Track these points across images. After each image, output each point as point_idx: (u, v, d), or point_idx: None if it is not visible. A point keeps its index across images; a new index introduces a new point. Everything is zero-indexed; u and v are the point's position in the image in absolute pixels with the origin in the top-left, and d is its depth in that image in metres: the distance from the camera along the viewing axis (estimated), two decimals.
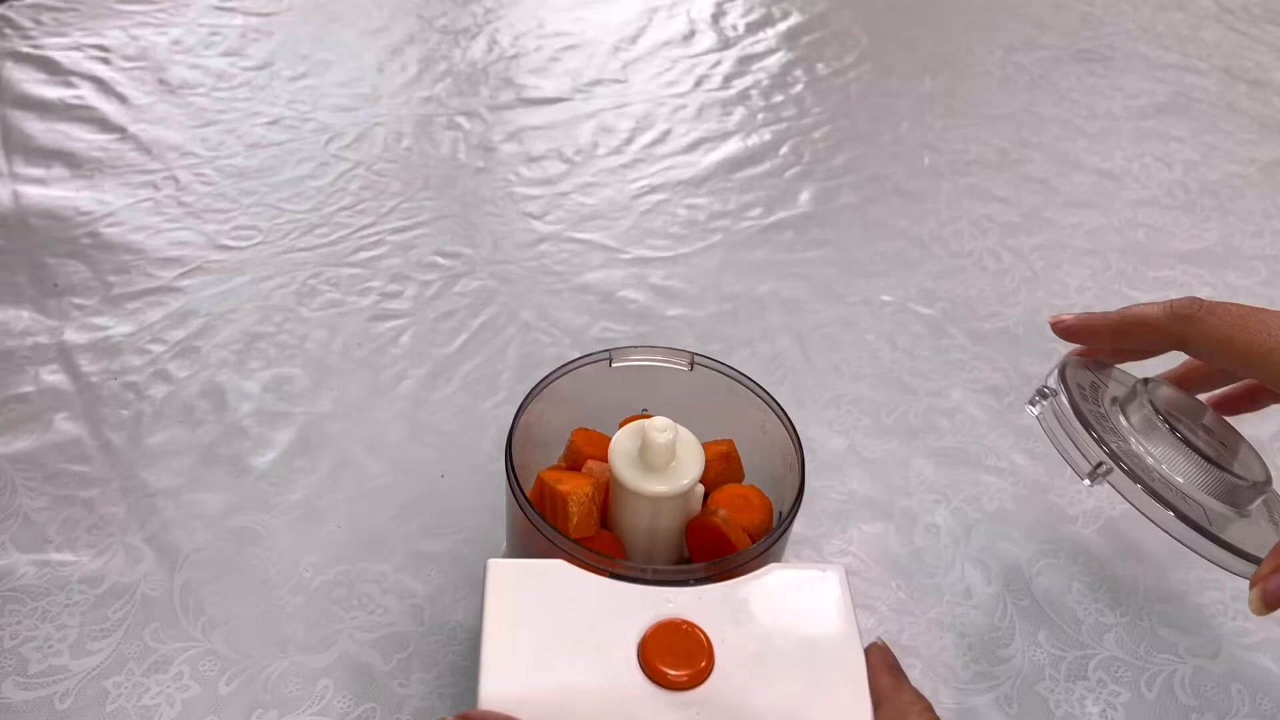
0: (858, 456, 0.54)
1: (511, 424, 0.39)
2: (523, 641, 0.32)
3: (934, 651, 0.45)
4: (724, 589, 0.33)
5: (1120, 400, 0.39)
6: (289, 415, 0.54)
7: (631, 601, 0.33)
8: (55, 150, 0.72)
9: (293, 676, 0.42)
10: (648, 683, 0.31)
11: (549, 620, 0.32)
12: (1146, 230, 0.72)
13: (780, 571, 0.34)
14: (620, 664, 0.31)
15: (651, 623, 0.32)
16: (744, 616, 0.32)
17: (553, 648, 0.31)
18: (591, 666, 0.31)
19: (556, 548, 0.35)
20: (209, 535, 0.48)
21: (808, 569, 0.34)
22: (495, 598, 0.33)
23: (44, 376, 0.55)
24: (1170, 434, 0.36)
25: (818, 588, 0.34)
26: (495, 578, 0.33)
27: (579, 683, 0.31)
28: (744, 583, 0.34)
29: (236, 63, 0.84)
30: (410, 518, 0.49)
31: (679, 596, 0.33)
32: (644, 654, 0.31)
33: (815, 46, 0.93)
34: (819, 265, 0.67)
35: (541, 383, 0.41)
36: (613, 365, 0.41)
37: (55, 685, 0.41)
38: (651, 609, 0.32)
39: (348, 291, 0.62)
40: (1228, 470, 0.36)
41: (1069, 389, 0.37)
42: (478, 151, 0.76)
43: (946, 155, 0.79)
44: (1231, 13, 1.03)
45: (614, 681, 0.31)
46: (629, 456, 0.37)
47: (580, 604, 0.33)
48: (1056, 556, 0.49)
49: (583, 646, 0.32)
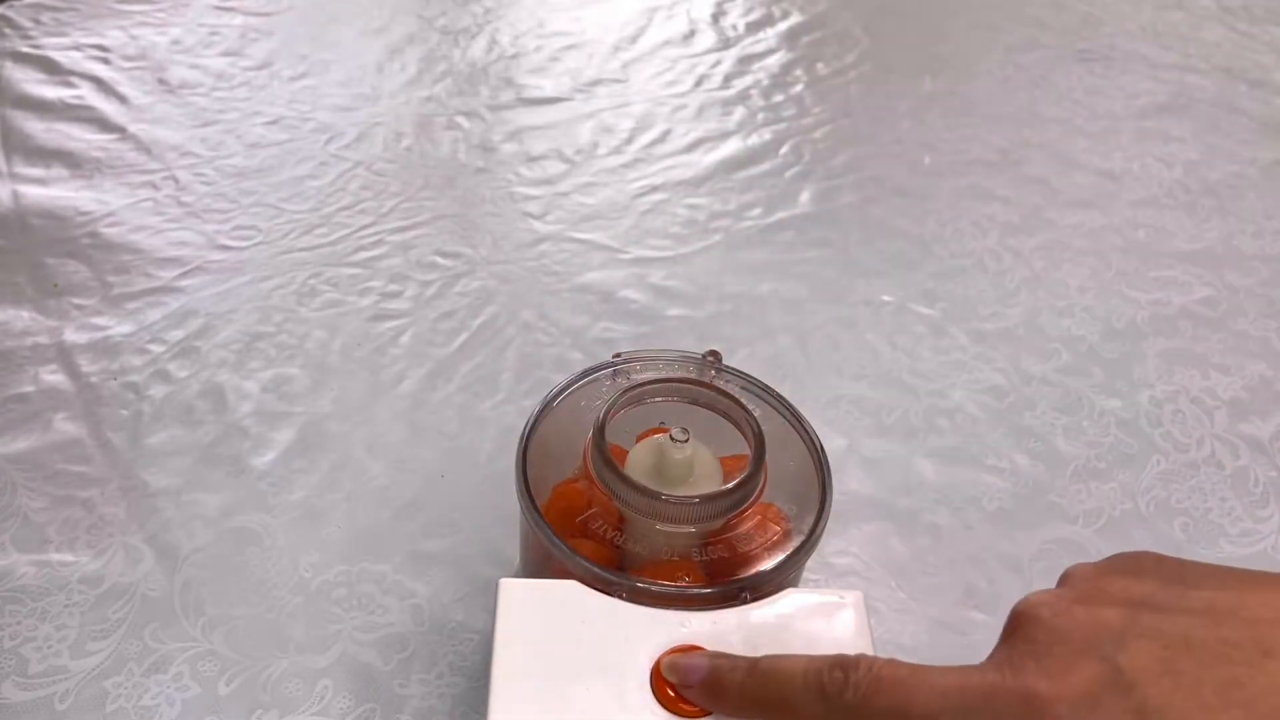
0: (858, 456, 0.54)
1: (524, 439, 0.38)
2: (533, 664, 0.31)
3: (935, 652, 0.45)
4: (738, 614, 0.33)
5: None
6: (289, 415, 0.54)
7: (645, 625, 0.32)
8: (55, 150, 0.72)
9: (292, 677, 0.42)
10: (661, 709, 0.30)
11: (560, 643, 0.31)
12: (1147, 230, 0.72)
13: (796, 596, 0.33)
14: (633, 690, 0.31)
15: (665, 648, 0.31)
16: (759, 642, 0.32)
17: (564, 672, 0.31)
18: (603, 692, 0.30)
19: (568, 567, 0.34)
20: (209, 535, 0.48)
21: (825, 595, 0.34)
22: (506, 619, 0.32)
23: (44, 376, 0.55)
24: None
25: (835, 615, 0.33)
26: (506, 598, 0.33)
27: (590, 708, 0.30)
28: (759, 608, 0.33)
29: (236, 63, 0.84)
30: (410, 518, 0.49)
31: (693, 621, 0.32)
32: (657, 680, 0.31)
33: (815, 46, 0.93)
34: (819, 265, 0.67)
35: (554, 395, 0.40)
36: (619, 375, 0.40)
37: (55, 685, 0.41)
38: (665, 633, 0.32)
39: (347, 291, 0.62)
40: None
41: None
42: (478, 151, 0.76)
43: (946, 155, 0.79)
44: (1232, 13, 1.03)
45: (626, 708, 0.30)
46: (646, 471, 0.36)
47: (592, 627, 0.32)
48: (1057, 557, 0.49)
49: (594, 671, 0.31)
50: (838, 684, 0.28)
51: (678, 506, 0.34)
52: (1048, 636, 0.26)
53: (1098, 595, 0.27)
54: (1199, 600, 0.26)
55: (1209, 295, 0.66)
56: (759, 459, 0.36)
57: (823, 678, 0.28)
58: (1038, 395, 0.58)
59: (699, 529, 0.35)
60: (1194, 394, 0.59)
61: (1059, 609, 0.27)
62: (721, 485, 0.35)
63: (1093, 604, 0.27)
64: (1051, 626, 0.26)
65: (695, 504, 0.34)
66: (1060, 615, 0.27)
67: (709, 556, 0.35)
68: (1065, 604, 0.27)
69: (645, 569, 0.35)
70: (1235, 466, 0.54)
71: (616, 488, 0.35)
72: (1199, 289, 0.67)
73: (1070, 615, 0.26)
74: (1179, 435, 0.56)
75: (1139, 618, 0.26)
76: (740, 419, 0.38)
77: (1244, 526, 0.51)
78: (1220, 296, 0.66)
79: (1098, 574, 0.28)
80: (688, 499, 0.34)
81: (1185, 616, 0.25)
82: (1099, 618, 0.26)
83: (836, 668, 0.28)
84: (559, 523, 0.35)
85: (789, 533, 0.36)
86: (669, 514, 0.34)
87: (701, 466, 0.36)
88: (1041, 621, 0.27)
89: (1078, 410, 0.57)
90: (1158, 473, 0.54)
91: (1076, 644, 0.26)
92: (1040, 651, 0.26)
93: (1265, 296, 0.66)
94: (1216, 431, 0.56)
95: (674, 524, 0.34)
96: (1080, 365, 0.60)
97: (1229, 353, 0.62)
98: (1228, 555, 0.50)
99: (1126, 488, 0.53)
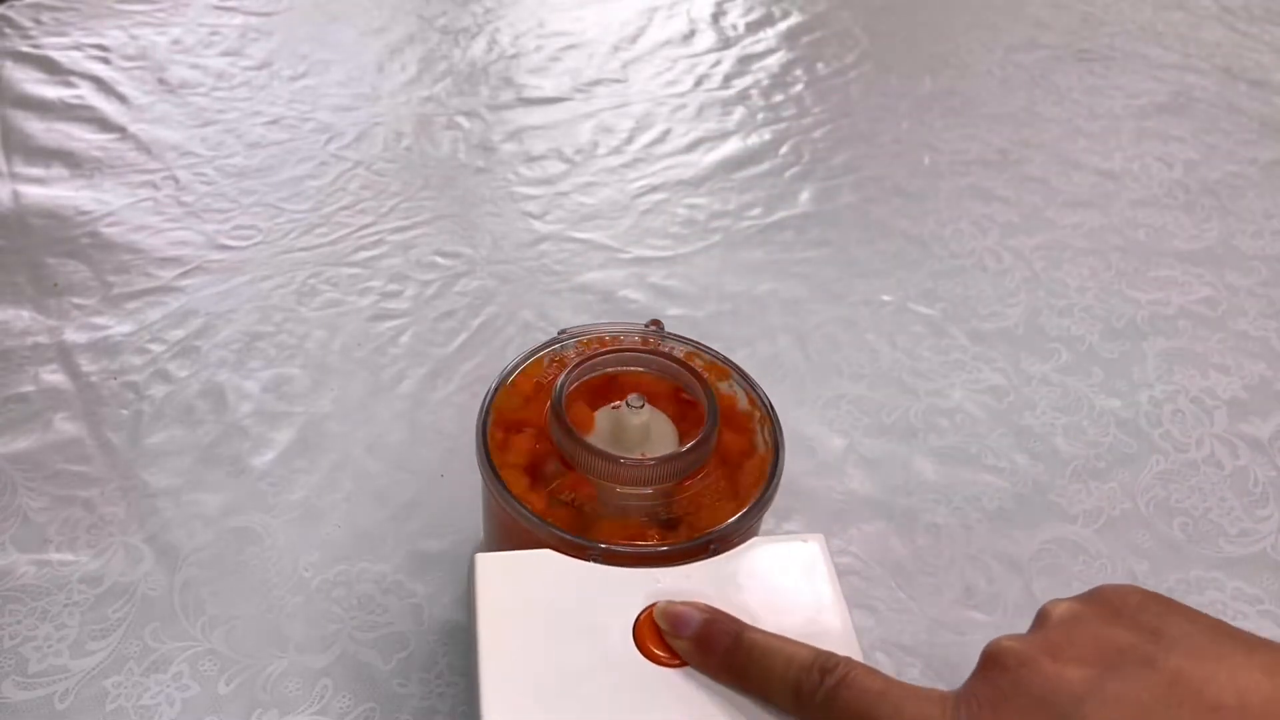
0: (858, 456, 0.54)
1: (482, 415, 0.39)
2: (517, 634, 0.32)
3: (935, 652, 0.45)
4: (709, 566, 0.34)
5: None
6: (289, 415, 0.54)
7: (621, 585, 0.33)
8: (55, 150, 0.72)
9: (292, 676, 0.42)
10: (647, 663, 0.31)
11: (541, 610, 0.32)
12: (1146, 230, 0.72)
13: (761, 545, 0.35)
14: (617, 647, 0.32)
15: (643, 605, 0.32)
16: (732, 590, 0.33)
17: (548, 637, 0.32)
18: (589, 652, 0.31)
19: (540, 536, 0.35)
20: (209, 535, 0.48)
21: (788, 540, 0.35)
22: (485, 593, 0.33)
23: (44, 376, 0.55)
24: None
25: (800, 558, 0.35)
26: (484, 572, 0.33)
27: (579, 671, 0.31)
28: (728, 559, 0.34)
29: (236, 62, 0.84)
30: (410, 518, 0.49)
31: (666, 577, 0.33)
32: (639, 636, 0.32)
33: (815, 46, 0.93)
34: (819, 265, 0.67)
35: (508, 372, 0.41)
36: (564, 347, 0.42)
37: (55, 685, 0.41)
38: (641, 590, 0.33)
39: (347, 291, 0.62)
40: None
41: None
42: (478, 151, 0.76)
43: (946, 155, 0.79)
44: (1232, 12, 1.03)
45: (614, 665, 0.31)
46: (604, 437, 0.38)
47: (570, 591, 0.33)
48: (1056, 556, 0.49)
49: (578, 633, 0.32)
50: (812, 685, 0.29)
51: (636, 469, 0.36)
52: (1010, 687, 0.27)
53: (1068, 646, 0.27)
54: (1168, 668, 0.25)
55: (1209, 295, 0.66)
56: (714, 420, 0.37)
57: (800, 675, 0.29)
58: (1037, 395, 0.58)
59: (657, 489, 0.36)
60: (1193, 394, 0.59)
61: (1025, 658, 0.27)
62: (678, 448, 0.37)
63: (1060, 658, 0.27)
64: (1015, 677, 0.27)
65: (652, 465, 0.36)
66: (1025, 666, 0.27)
67: (674, 514, 0.36)
68: (1033, 653, 0.27)
69: (614, 532, 0.36)
70: (1235, 466, 0.54)
71: (577, 455, 0.36)
72: (1199, 289, 0.67)
73: (1035, 668, 0.27)
74: (1178, 435, 0.56)
75: (1102, 683, 0.26)
76: (690, 382, 0.39)
77: (1243, 526, 0.51)
78: (1220, 296, 0.66)
79: (1073, 618, 0.28)
80: (644, 461, 0.36)
81: (1148, 689, 0.25)
82: (1062, 676, 0.26)
83: (815, 669, 0.29)
84: (526, 495, 0.36)
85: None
86: (628, 476, 0.36)
87: (658, 430, 0.38)
88: (1007, 670, 0.27)
89: (1077, 410, 0.57)
90: (1157, 472, 0.54)
91: (1034, 699, 0.26)
92: (999, 700, 0.26)
93: (1265, 296, 0.66)
94: (1216, 431, 0.56)
95: (634, 485, 0.36)
96: (1080, 365, 0.60)
97: (1228, 353, 0.62)
98: (1227, 555, 0.50)
99: (1126, 487, 0.53)
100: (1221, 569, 0.49)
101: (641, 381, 0.40)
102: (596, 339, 0.42)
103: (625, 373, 0.40)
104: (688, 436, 0.38)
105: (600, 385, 0.40)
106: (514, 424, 0.39)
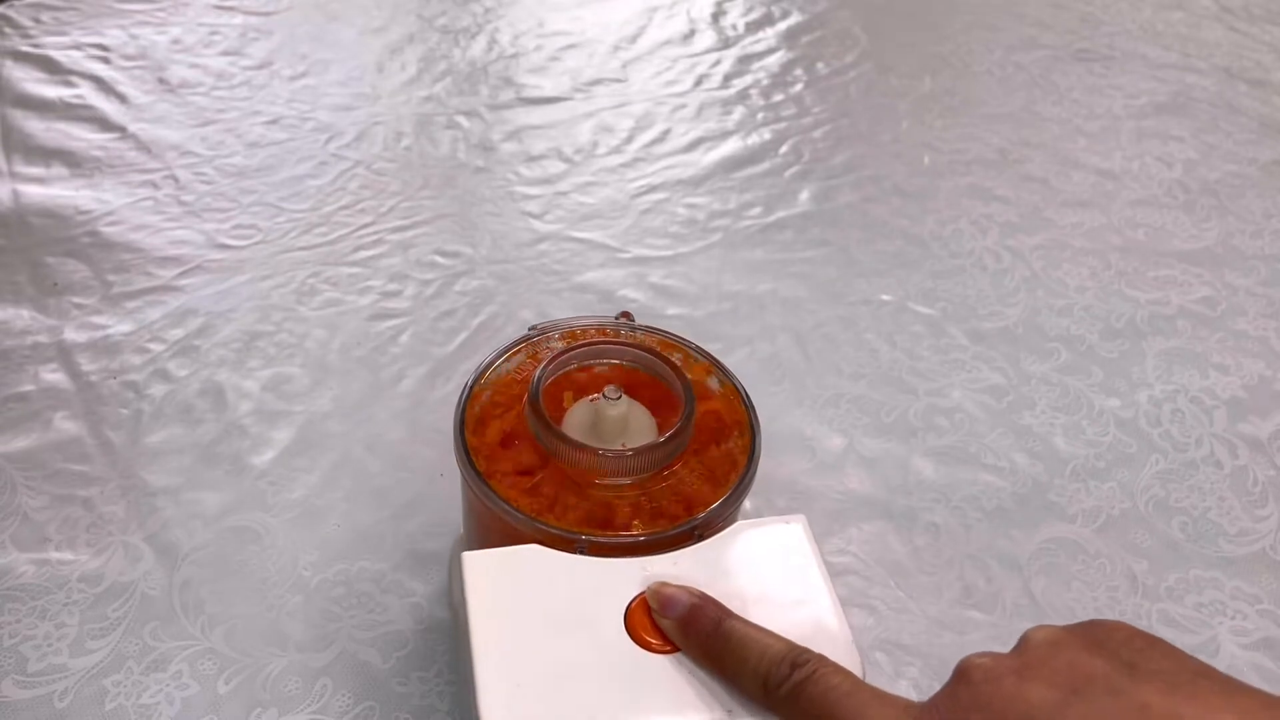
0: (857, 456, 0.54)
1: (459, 414, 0.39)
2: (510, 630, 0.32)
3: (934, 651, 0.45)
4: (694, 552, 0.34)
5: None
6: (288, 414, 0.54)
7: (609, 575, 0.33)
8: (55, 149, 0.72)
9: (292, 675, 0.42)
10: (640, 651, 0.31)
11: (532, 605, 0.33)
12: (1146, 230, 0.72)
13: (745, 529, 0.35)
14: (610, 636, 0.32)
15: (633, 594, 0.33)
16: (718, 574, 0.33)
17: (541, 631, 0.32)
18: (582, 644, 0.32)
19: (526, 532, 0.35)
20: (208, 534, 0.48)
21: (772, 523, 0.36)
22: (476, 591, 0.33)
23: (44, 375, 0.55)
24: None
25: (784, 540, 0.35)
26: (473, 570, 0.33)
27: (573, 662, 0.31)
28: (713, 544, 0.35)
29: (236, 62, 0.84)
30: (409, 516, 0.49)
31: (654, 565, 0.34)
32: (631, 624, 0.32)
33: (815, 46, 0.93)
34: (819, 265, 0.67)
35: (483, 369, 0.41)
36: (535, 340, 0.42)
37: (54, 684, 0.41)
38: (630, 580, 0.33)
39: (347, 291, 0.62)
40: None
41: None
42: (477, 151, 0.76)
43: (946, 155, 0.79)
44: (1231, 12, 1.03)
45: (608, 655, 0.31)
46: (582, 429, 0.38)
47: (560, 584, 0.33)
48: (1055, 556, 0.49)
49: (570, 625, 0.32)
50: (780, 678, 0.29)
51: (616, 460, 0.36)
52: (970, 701, 0.26)
53: (1039, 668, 0.27)
54: (1136, 698, 0.25)
55: (1208, 295, 0.66)
56: (691, 407, 0.37)
57: (770, 667, 0.29)
58: (1037, 394, 0.58)
59: (638, 479, 0.36)
60: (1193, 393, 0.59)
61: (992, 675, 0.27)
62: (656, 438, 0.37)
63: (1028, 678, 0.26)
64: (977, 692, 0.26)
65: (631, 456, 0.36)
66: (989, 682, 0.26)
67: (656, 503, 0.36)
68: (1001, 670, 0.27)
69: (598, 523, 0.36)
70: (1234, 466, 0.54)
71: (557, 448, 0.36)
72: (1198, 288, 0.67)
73: (998, 685, 0.26)
74: (1178, 434, 0.56)
75: (1064, 706, 0.25)
76: (666, 373, 0.39)
77: (1242, 526, 0.51)
78: (1219, 296, 0.66)
79: (1052, 643, 0.28)
80: (624, 452, 0.36)
81: (1110, 717, 0.24)
82: (1025, 695, 0.26)
83: (786, 662, 0.29)
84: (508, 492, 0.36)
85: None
86: (609, 467, 0.36)
87: (636, 421, 0.38)
88: (971, 684, 0.27)
89: (1077, 409, 0.57)
90: (1156, 472, 0.54)
91: (993, 715, 0.26)
92: (959, 714, 0.26)
93: (1264, 296, 0.66)
94: (1215, 431, 0.57)
95: (615, 476, 0.36)
96: (1079, 364, 0.60)
97: (1228, 352, 0.62)
98: (1226, 554, 0.50)
99: (1125, 487, 0.53)
100: (1221, 569, 0.49)
101: (616, 373, 0.40)
102: (568, 333, 0.42)
103: (600, 365, 0.41)
104: (665, 425, 0.38)
105: (575, 378, 0.40)
106: (491, 421, 0.39)
